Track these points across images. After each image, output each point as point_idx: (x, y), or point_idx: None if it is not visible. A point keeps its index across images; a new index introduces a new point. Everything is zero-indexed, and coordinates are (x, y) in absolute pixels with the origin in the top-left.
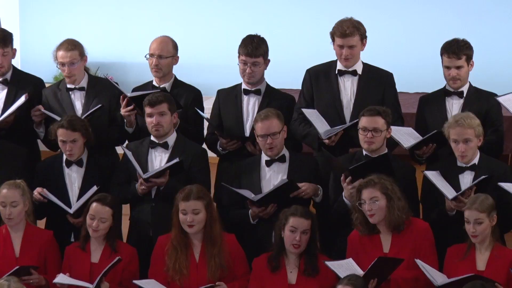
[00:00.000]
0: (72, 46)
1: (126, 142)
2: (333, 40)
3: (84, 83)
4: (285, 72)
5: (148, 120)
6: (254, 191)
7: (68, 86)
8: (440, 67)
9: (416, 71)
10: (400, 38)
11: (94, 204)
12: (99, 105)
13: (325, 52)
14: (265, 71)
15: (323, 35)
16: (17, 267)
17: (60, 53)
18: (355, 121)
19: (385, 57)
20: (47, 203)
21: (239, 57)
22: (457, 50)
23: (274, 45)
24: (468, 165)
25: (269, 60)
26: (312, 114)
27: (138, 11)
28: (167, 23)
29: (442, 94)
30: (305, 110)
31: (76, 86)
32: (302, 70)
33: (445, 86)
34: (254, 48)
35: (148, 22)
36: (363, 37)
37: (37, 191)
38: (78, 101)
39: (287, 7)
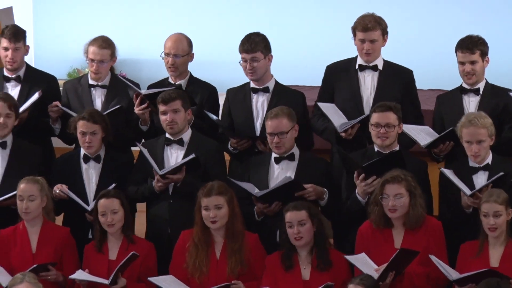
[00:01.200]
0: (106, 44)
1: (143, 141)
2: (355, 34)
3: (107, 81)
4: (299, 69)
5: (162, 117)
6: (262, 187)
7: (90, 82)
8: (455, 64)
9: (431, 68)
10: (415, 35)
11: (101, 201)
12: (118, 106)
13: (340, 48)
14: (279, 68)
15: (339, 32)
16: (35, 265)
17: (92, 48)
18: (370, 113)
19: (400, 54)
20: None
21: (240, 56)
22: (470, 45)
23: (288, 42)
24: (481, 165)
25: (271, 56)
26: (328, 108)
27: (151, 8)
28: (181, 20)
29: (458, 92)
30: (321, 104)
31: (99, 83)
32: (317, 66)
33: (461, 84)
34: (250, 44)
35: (161, 19)
36: (384, 32)
37: (57, 187)
38: (98, 98)
39: (302, 3)
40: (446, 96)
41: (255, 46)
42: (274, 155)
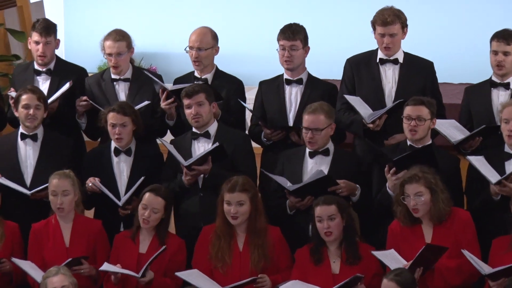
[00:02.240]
0: (120, 37)
1: (170, 135)
2: (374, 29)
3: (129, 74)
4: (327, 63)
5: (187, 111)
6: (295, 181)
7: (113, 76)
8: (485, 58)
9: (461, 62)
10: (445, 28)
11: (147, 194)
12: (147, 102)
13: (366, 42)
14: (308, 62)
15: (365, 26)
16: (69, 259)
17: (108, 43)
18: (398, 101)
19: (430, 48)
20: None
21: (278, 44)
22: (507, 36)
23: (316, 36)
24: None
25: (308, 48)
26: (355, 100)
27: (181, 1)
28: (209, 13)
29: (488, 85)
30: (347, 97)
31: (121, 77)
32: (337, 60)
33: (491, 77)
34: (291, 32)
35: (191, 12)
36: (404, 26)
37: (89, 180)
38: (122, 92)
39: None
40: (475, 89)
41: (296, 34)
42: (308, 149)
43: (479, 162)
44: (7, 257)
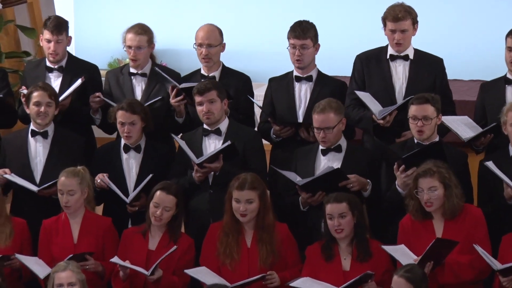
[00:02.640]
0: (142, 31)
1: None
2: (385, 25)
3: (147, 69)
4: (337, 59)
5: (198, 108)
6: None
7: (131, 70)
8: (497, 55)
9: (471, 58)
10: (455, 24)
11: (158, 192)
12: (160, 97)
13: (376, 38)
14: (317, 58)
15: (374, 22)
16: (71, 255)
17: (129, 35)
18: (409, 98)
19: (440, 44)
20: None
21: (288, 42)
22: None
23: (325, 32)
24: None
25: (318, 45)
26: (365, 96)
27: None
28: (219, 10)
29: (502, 82)
30: (358, 93)
31: (139, 72)
32: (346, 56)
33: (505, 74)
34: (302, 31)
35: (199, 9)
36: (414, 22)
37: (98, 177)
38: (139, 87)
39: None
40: (489, 85)
41: (307, 32)
42: (321, 146)
43: (495, 168)
44: (16, 253)
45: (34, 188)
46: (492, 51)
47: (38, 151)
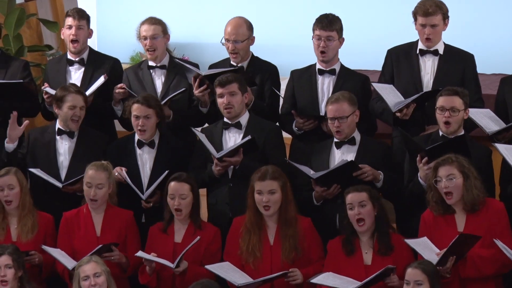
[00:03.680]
0: (156, 21)
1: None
2: (415, 19)
3: (165, 61)
4: (361, 53)
5: (219, 101)
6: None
7: (150, 63)
8: None
9: (495, 53)
10: (478, 18)
11: (172, 183)
12: (183, 89)
13: (401, 33)
14: (341, 52)
15: (399, 16)
16: (100, 245)
17: (144, 27)
18: (426, 91)
19: (463, 38)
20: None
21: (313, 33)
22: None
23: (349, 26)
24: None
25: (343, 39)
26: (384, 88)
27: None
28: (242, 3)
29: None
30: (375, 84)
31: (157, 64)
32: (379, 51)
33: None
34: (328, 22)
35: (223, 2)
36: (445, 17)
37: (116, 170)
38: (158, 80)
39: None
40: (510, 79)
41: (333, 24)
42: (335, 140)
43: (508, 151)
44: (38, 248)
45: (58, 184)
46: None
47: (64, 149)
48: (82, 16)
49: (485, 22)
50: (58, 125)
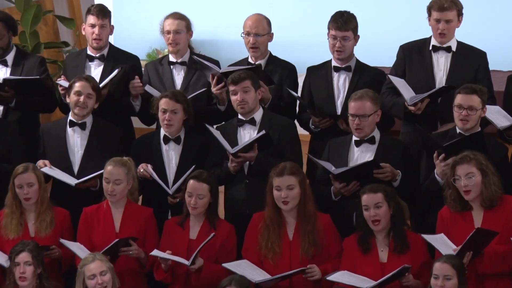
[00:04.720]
0: (180, 16)
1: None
2: (430, 14)
3: (186, 58)
4: (376, 50)
5: (233, 98)
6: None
7: (170, 59)
8: None
9: (509, 50)
10: (493, 15)
11: (191, 182)
12: (204, 89)
13: (416, 29)
14: (356, 49)
15: (415, 12)
16: (116, 240)
17: (168, 21)
18: (441, 87)
19: (478, 35)
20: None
21: (328, 32)
22: None
23: (364, 22)
24: None
25: (358, 36)
26: (398, 82)
27: None
28: (258, 1)
29: None
30: (391, 77)
31: (178, 60)
32: (393, 47)
33: None
34: (344, 22)
35: (239, 0)
36: (459, 13)
37: (141, 167)
38: (178, 76)
39: None
40: None
41: (348, 24)
42: (354, 138)
43: None
44: (57, 242)
45: (71, 182)
46: None
47: (76, 142)
48: (105, 14)
49: (502, 19)
50: (70, 116)
